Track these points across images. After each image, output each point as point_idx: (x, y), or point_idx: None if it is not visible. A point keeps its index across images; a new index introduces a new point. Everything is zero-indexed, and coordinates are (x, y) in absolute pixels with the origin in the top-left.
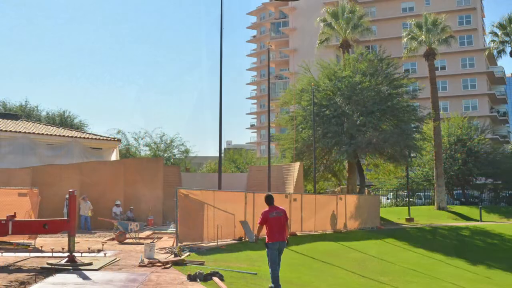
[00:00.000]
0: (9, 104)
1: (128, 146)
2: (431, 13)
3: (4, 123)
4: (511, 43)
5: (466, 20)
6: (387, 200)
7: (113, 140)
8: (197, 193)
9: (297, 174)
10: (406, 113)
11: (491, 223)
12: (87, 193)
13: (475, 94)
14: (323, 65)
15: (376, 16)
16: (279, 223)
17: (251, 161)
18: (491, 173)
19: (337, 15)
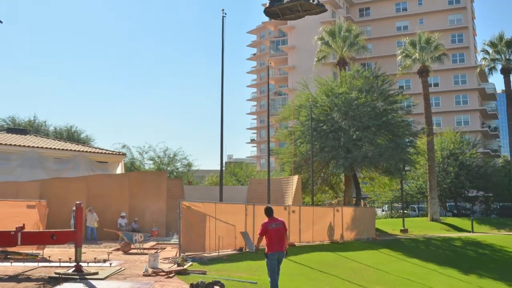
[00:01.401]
0: (18, 120)
1: (133, 160)
2: (424, 32)
3: (14, 137)
4: (501, 60)
5: (458, 39)
6: (382, 212)
7: (118, 154)
8: (199, 205)
9: (295, 187)
10: (401, 128)
11: (482, 234)
12: (93, 205)
13: (467, 110)
14: (321, 82)
15: (371, 34)
16: (278, 234)
17: (251, 175)
18: (482, 186)
19: (334, 33)
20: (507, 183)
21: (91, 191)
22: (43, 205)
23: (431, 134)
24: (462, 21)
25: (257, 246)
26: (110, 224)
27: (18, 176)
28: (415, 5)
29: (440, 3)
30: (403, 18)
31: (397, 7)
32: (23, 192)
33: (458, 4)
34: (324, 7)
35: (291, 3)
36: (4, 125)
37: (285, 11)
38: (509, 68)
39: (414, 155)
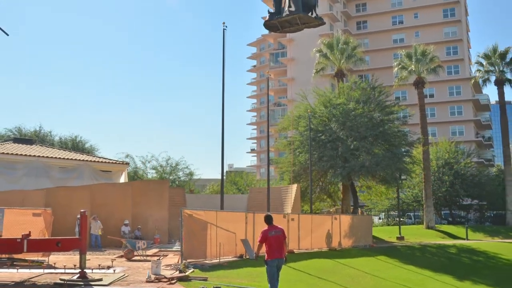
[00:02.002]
0: (24, 130)
1: (136, 169)
2: (420, 44)
3: (20, 147)
4: (495, 72)
5: (453, 51)
6: (379, 220)
7: (122, 164)
8: (201, 213)
9: (294, 196)
10: (397, 138)
11: (476, 241)
12: (97, 213)
13: (462, 120)
14: (319, 93)
15: (369, 47)
16: (278, 241)
17: (251, 183)
18: (476, 195)
19: (332, 46)
20: (501, 191)
21: (95, 199)
22: (48, 213)
23: (427, 144)
24: (457, 34)
25: (257, 253)
26: (113, 232)
27: (24, 185)
28: (411, 18)
29: (435, 16)
30: (399, 31)
31: (393, 20)
32: (29, 201)
33: (453, 17)
34: (322, 20)
35: (290, 16)
36: (10, 135)
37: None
38: (502, 79)
39: (410, 164)
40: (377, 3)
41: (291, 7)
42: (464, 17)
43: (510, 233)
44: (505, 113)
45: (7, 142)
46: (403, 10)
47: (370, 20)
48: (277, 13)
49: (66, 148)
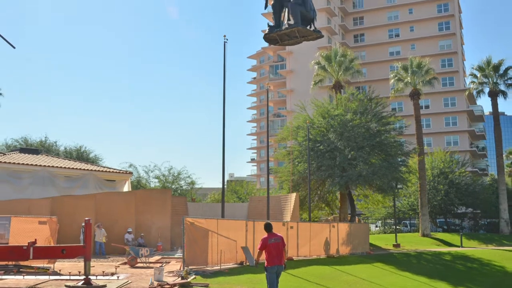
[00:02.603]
0: (30, 140)
1: (139, 178)
2: (416, 57)
3: (26, 157)
4: (489, 84)
5: (448, 63)
6: (376, 228)
7: (125, 173)
8: (202, 221)
9: (293, 204)
10: (393, 148)
11: (471, 248)
12: (102, 221)
13: (456, 131)
14: (317, 104)
15: (366, 59)
16: (277, 249)
17: (252, 192)
18: (471, 203)
19: (330, 58)
20: (494, 200)
21: (100, 208)
22: (54, 221)
23: (422, 154)
24: (452, 47)
25: (257, 260)
26: (117, 239)
27: (30, 193)
28: (407, 31)
29: (430, 29)
30: (395, 44)
31: (390, 33)
32: (35, 209)
33: (448, 30)
34: (320, 33)
35: (289, 30)
36: (17, 146)
37: (284, 37)
38: (496, 91)
39: (406, 173)
40: (373, 16)
41: (290, 20)
42: (458, 30)
43: (503, 241)
44: (498, 123)
45: (14, 152)
46: (399, 23)
47: (367, 33)
48: (277, 27)
49: (71, 158)
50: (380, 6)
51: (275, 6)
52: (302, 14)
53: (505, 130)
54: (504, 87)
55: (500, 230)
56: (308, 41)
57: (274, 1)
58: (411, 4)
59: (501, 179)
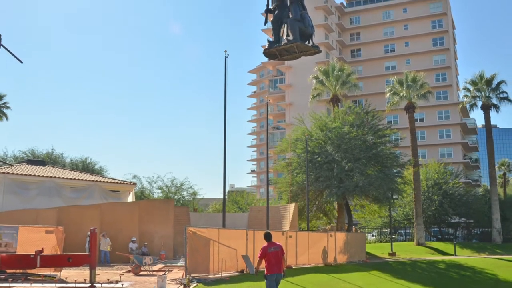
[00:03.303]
0: (37, 152)
1: (143, 189)
2: (411, 71)
3: (33, 168)
4: (482, 98)
5: (442, 77)
6: (372, 237)
7: (129, 184)
8: (204, 230)
9: (292, 214)
10: (389, 160)
11: (464, 257)
12: (106, 231)
13: (450, 143)
14: (315, 117)
15: (362, 73)
16: (276, 257)
17: (252, 202)
18: (464, 213)
19: (328, 73)
20: (487, 210)
21: (105, 217)
22: (60, 230)
23: (417, 165)
24: (446, 62)
25: (257, 268)
26: (122, 248)
27: (38, 204)
28: (402, 46)
29: (425, 44)
30: (391, 59)
31: (385, 49)
32: (42, 219)
33: (442, 46)
34: (318, 49)
35: (288, 45)
36: (24, 157)
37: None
38: (488, 104)
39: (401, 184)
40: (370, 32)
41: (289, 36)
42: (452, 45)
43: (496, 250)
44: (491, 136)
45: (21, 163)
46: (394, 39)
47: (363, 48)
48: (276, 42)
49: (77, 169)
50: (376, 23)
51: (275, 23)
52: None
53: (497, 142)
54: (497, 100)
55: (493, 239)
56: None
57: (274, 18)
58: (406, 21)
59: (494, 190)
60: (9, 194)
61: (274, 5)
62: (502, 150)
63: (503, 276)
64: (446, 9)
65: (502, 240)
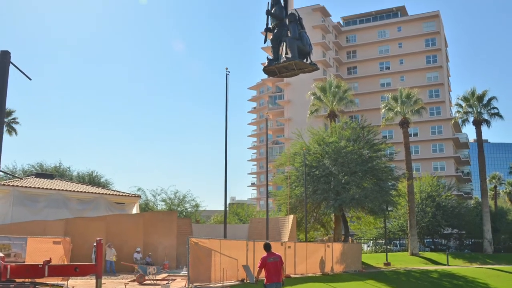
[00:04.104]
0: (45, 166)
1: (147, 201)
2: (405, 88)
3: (41, 181)
4: (473, 113)
5: (435, 94)
6: (368, 247)
7: (134, 196)
8: (206, 241)
9: (291, 225)
10: (384, 173)
11: (456, 267)
12: (112, 241)
13: (443, 157)
14: (313, 132)
15: (358, 90)
16: (276, 267)
17: (252, 214)
18: (456, 224)
19: (325, 89)
20: (478, 222)
21: (110, 229)
22: (67, 241)
23: (411, 179)
24: (439, 79)
25: (257, 277)
26: (126, 258)
27: (46, 215)
28: (396, 64)
29: (419, 62)
30: (386, 76)
31: (381, 66)
32: (50, 230)
33: (435, 63)
34: (316, 66)
35: (287, 63)
36: (33, 171)
37: (282, 70)
38: (480, 120)
39: (396, 197)
40: (365, 50)
41: (288, 54)
42: (445, 63)
43: (487, 260)
44: (482, 150)
45: (30, 176)
46: (389, 57)
47: (359, 66)
48: (275, 60)
49: (83, 182)
50: (372, 41)
51: (274, 41)
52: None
53: (488, 156)
54: (488, 116)
55: (484, 250)
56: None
57: (273, 36)
58: (401, 39)
59: (485, 202)
60: (18, 206)
61: (274, 24)
62: (493, 164)
63: (494, 285)
64: (439, 28)
65: (493, 250)
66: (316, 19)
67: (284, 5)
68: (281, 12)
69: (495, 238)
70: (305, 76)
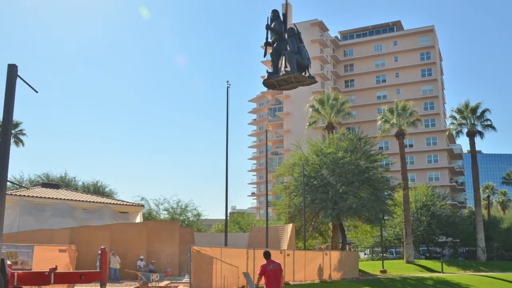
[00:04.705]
0: (51, 176)
1: (150, 211)
2: (401, 100)
3: (47, 191)
4: (467, 125)
5: (430, 106)
6: (365, 255)
7: (138, 206)
8: (207, 249)
9: (290, 234)
10: (381, 183)
11: (451, 274)
12: (116, 249)
13: (438, 168)
14: (312, 143)
15: (355, 102)
16: (275, 274)
17: (252, 223)
18: (450, 233)
19: (323, 102)
20: (472, 230)
21: (114, 237)
22: (73, 249)
23: (407, 188)
24: (433, 91)
25: (257, 284)
26: (130, 266)
27: (52, 224)
28: (392, 77)
29: (414, 75)
30: (382, 89)
31: (377, 79)
32: (56, 238)
33: (430, 76)
34: (314, 79)
35: (286, 76)
36: (39, 181)
37: (281, 83)
38: (473, 131)
39: (392, 206)
40: (362, 64)
41: (287, 67)
42: (439, 76)
43: (480, 267)
44: (475, 161)
45: (37, 186)
46: (385, 70)
47: (356, 79)
48: (275, 73)
49: (88, 192)
50: (368, 55)
51: (274, 55)
52: (298, 62)
53: (481, 167)
54: (481, 128)
55: (477, 257)
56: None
57: (273, 50)
58: (397, 53)
59: (478, 211)
60: (25, 215)
61: (273, 39)
62: (486, 174)
63: None
64: (434, 42)
65: (486, 258)
66: (314, 33)
67: (284, 20)
68: (281, 27)
69: (488, 246)
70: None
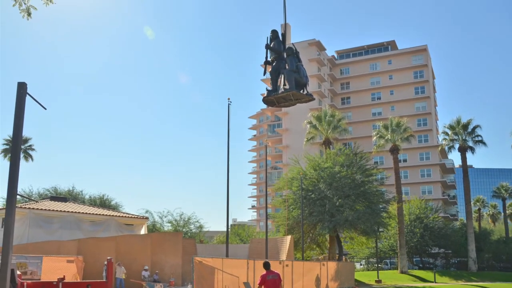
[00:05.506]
0: (59, 189)
1: (154, 223)
2: (395, 117)
3: (56, 204)
4: (459, 141)
5: (423, 122)
6: (360, 266)
7: (142, 218)
8: (209, 260)
9: (288, 245)
10: (376, 197)
11: (443, 284)
12: (122, 260)
13: (430, 182)
14: (309, 158)
15: (351, 119)
16: (274, 284)
17: (252, 235)
18: (443, 244)
19: (321, 118)
20: (464, 242)
21: (120, 248)
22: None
23: (401, 202)
24: (426, 108)
25: None
26: (135, 276)
27: (60, 236)
28: (387, 94)
29: (408, 93)
30: (377, 106)
31: (372, 97)
32: (64, 250)
33: (423, 94)
34: (312, 96)
35: (285, 93)
36: (48, 194)
37: (280, 100)
38: (465, 147)
39: (386, 219)
40: (358, 82)
41: (286, 85)
42: (432, 94)
43: (471, 277)
44: (467, 175)
45: (45, 200)
46: (380, 88)
47: (352, 96)
48: (274, 91)
49: (95, 205)
50: (364, 73)
51: (273, 73)
52: (296, 80)
53: (473, 181)
54: (472, 143)
55: (469, 268)
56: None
57: (272, 69)
58: (391, 71)
59: (469, 224)
60: (34, 227)
61: (273, 58)
62: (477, 188)
63: None
64: (427, 61)
65: (477, 268)
66: (312, 52)
67: (282, 40)
68: (280, 46)
69: (479, 257)
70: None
